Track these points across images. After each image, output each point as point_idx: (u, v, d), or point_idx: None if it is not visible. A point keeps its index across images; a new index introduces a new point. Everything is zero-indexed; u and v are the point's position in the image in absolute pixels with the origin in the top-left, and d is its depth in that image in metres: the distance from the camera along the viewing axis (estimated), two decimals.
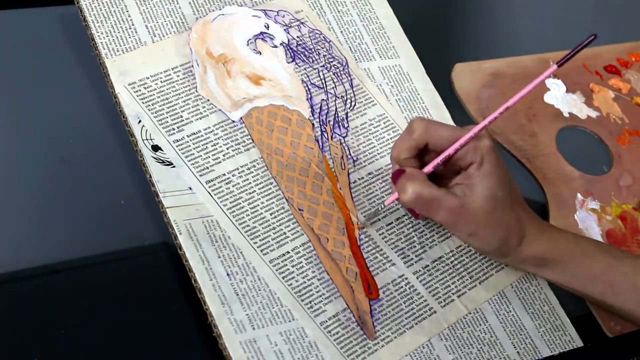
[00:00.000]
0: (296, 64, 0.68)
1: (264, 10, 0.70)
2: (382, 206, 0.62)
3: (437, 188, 0.58)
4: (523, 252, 0.61)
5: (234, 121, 0.63)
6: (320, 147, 0.65)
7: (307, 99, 0.67)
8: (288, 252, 0.59)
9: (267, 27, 0.69)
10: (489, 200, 0.59)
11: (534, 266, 0.62)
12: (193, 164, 0.60)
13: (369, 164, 0.66)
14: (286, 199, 0.61)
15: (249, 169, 0.62)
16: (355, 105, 0.69)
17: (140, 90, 0.62)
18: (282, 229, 0.60)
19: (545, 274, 0.62)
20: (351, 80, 0.70)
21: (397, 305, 0.60)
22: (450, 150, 0.59)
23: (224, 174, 0.61)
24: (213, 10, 0.68)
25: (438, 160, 0.60)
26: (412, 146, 0.60)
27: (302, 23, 0.71)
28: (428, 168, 0.60)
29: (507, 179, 0.61)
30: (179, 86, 0.63)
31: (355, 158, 0.66)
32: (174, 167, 0.60)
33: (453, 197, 0.58)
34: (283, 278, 0.58)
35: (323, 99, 0.67)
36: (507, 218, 0.60)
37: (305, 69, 0.68)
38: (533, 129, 0.76)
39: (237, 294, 0.56)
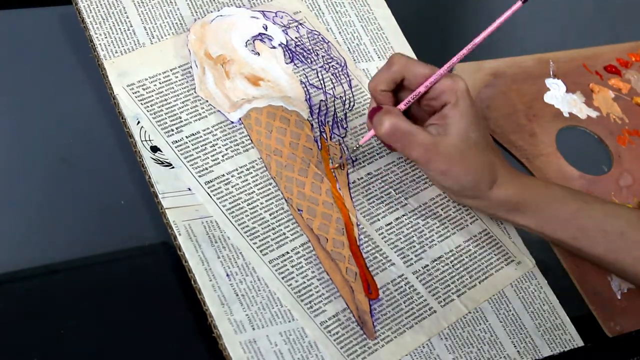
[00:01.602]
0: (295, 64, 0.68)
1: (263, 11, 0.70)
2: (357, 145, 0.64)
3: (412, 124, 0.60)
4: (494, 196, 0.61)
5: (232, 122, 0.64)
6: (321, 145, 0.65)
7: (306, 100, 0.67)
8: (287, 253, 0.59)
9: (266, 28, 0.69)
10: (462, 139, 0.60)
11: (506, 212, 0.62)
12: (192, 165, 0.60)
13: (368, 164, 0.66)
14: (285, 200, 0.62)
15: (248, 169, 0.62)
16: (354, 105, 0.69)
17: (138, 92, 0.62)
18: (281, 230, 0.60)
19: (517, 219, 0.63)
20: (350, 80, 0.70)
21: (397, 305, 0.60)
22: (423, 87, 0.61)
23: (223, 175, 0.61)
24: (211, 12, 0.68)
25: (412, 95, 0.61)
26: (390, 79, 0.61)
27: (300, 24, 0.71)
28: (402, 104, 0.62)
29: (481, 122, 0.61)
30: (177, 87, 0.63)
31: (354, 158, 0.66)
32: (173, 168, 0.60)
33: (427, 134, 0.60)
34: (283, 278, 0.58)
35: (322, 100, 0.67)
36: (479, 159, 0.60)
37: (303, 69, 0.69)
38: (533, 129, 0.76)
39: (237, 295, 0.56)
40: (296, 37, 0.70)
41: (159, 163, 0.60)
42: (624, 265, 0.62)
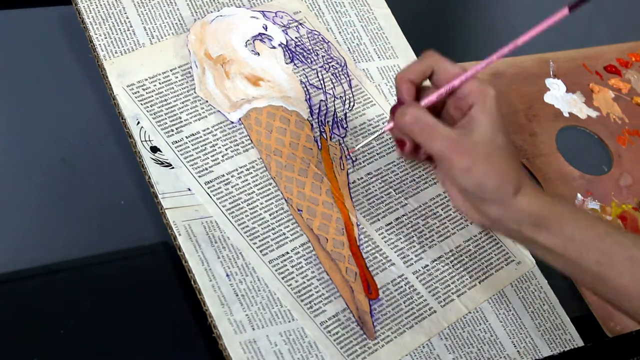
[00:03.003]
0: (295, 64, 0.68)
1: (262, 11, 0.70)
2: (381, 132, 0.62)
3: (437, 119, 0.57)
4: (519, 204, 0.58)
5: (232, 122, 0.64)
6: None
7: (306, 100, 0.67)
8: (287, 253, 0.59)
9: (266, 28, 0.69)
10: (488, 140, 0.57)
11: (531, 226, 0.58)
12: (192, 165, 0.61)
13: (368, 164, 0.66)
14: (285, 200, 0.62)
15: (248, 169, 0.62)
16: (354, 105, 0.69)
17: (138, 92, 0.62)
18: (281, 230, 0.60)
19: (540, 236, 0.58)
20: (350, 80, 0.70)
21: (397, 305, 0.60)
22: (452, 84, 0.58)
23: (223, 175, 0.61)
24: (211, 12, 0.68)
25: (438, 93, 0.59)
26: (420, 70, 0.59)
27: (300, 24, 0.71)
28: (430, 98, 0.59)
29: (508, 132, 0.59)
30: (177, 87, 0.63)
31: (354, 158, 0.66)
32: (172, 168, 0.60)
33: (451, 129, 0.57)
34: (283, 278, 0.58)
35: (322, 100, 0.68)
36: (505, 163, 0.57)
37: (303, 69, 0.69)
38: (533, 129, 0.76)
39: (237, 295, 0.56)
40: (296, 37, 0.70)
41: (159, 163, 0.60)
42: None
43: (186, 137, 0.62)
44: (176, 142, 0.61)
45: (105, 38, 0.64)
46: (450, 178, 0.59)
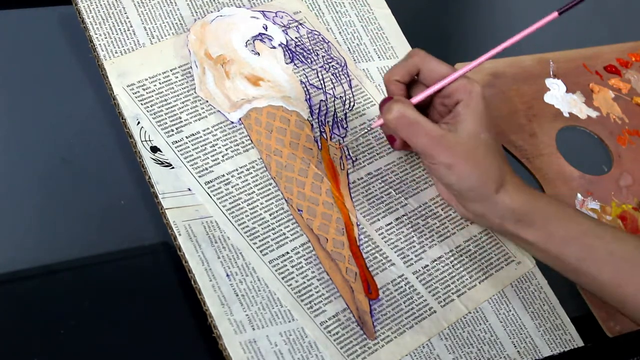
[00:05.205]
0: (295, 64, 0.68)
1: (263, 11, 0.70)
2: (369, 128, 0.63)
3: (421, 115, 0.59)
4: (501, 200, 0.60)
5: (232, 122, 0.64)
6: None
7: (306, 100, 0.67)
8: (287, 253, 0.59)
9: (266, 28, 0.69)
10: (471, 137, 0.59)
11: (513, 222, 0.60)
12: (192, 165, 0.61)
13: (368, 164, 0.66)
14: (285, 200, 0.62)
15: (248, 169, 0.62)
16: (354, 105, 0.69)
17: (138, 92, 0.62)
18: (281, 230, 0.60)
19: (523, 232, 0.60)
20: (350, 80, 0.70)
21: (397, 305, 0.60)
22: (441, 84, 0.60)
23: (223, 175, 0.61)
24: (211, 12, 0.68)
25: (427, 91, 0.61)
26: (406, 70, 0.61)
27: (300, 24, 0.71)
28: (415, 99, 0.61)
29: (493, 128, 0.60)
30: (177, 87, 0.63)
31: (354, 158, 0.66)
32: (173, 168, 0.60)
33: (436, 126, 0.59)
34: (283, 278, 0.58)
35: (322, 100, 0.68)
36: (488, 160, 0.59)
37: (304, 69, 0.69)
38: (533, 129, 0.76)
39: (237, 295, 0.56)
40: (296, 37, 0.70)
41: (159, 163, 0.60)
42: (627, 294, 0.58)
43: (186, 137, 0.62)
44: (176, 142, 0.61)
45: (106, 38, 0.64)
46: (434, 173, 0.61)
